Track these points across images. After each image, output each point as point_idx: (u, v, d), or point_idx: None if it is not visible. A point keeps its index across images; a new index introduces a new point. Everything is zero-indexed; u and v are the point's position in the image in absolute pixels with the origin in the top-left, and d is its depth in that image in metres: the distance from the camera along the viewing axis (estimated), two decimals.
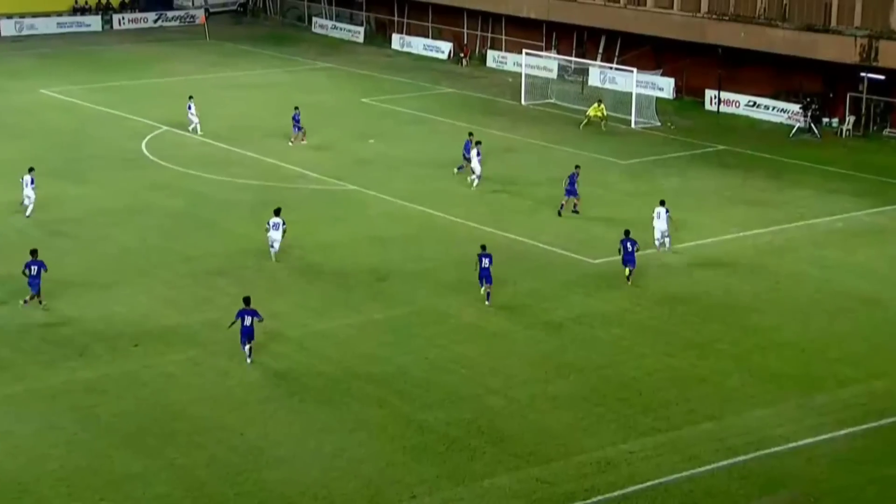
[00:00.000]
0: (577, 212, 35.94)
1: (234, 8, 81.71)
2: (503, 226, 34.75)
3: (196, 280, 29.83)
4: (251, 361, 24.63)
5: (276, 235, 31.44)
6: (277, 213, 31.94)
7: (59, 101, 52.74)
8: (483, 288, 28.05)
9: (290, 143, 44.14)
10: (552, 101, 54.00)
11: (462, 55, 65.08)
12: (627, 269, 29.89)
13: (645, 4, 55.40)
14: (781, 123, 49.90)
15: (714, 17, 52.30)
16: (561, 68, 58.11)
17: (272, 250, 31.48)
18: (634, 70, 50.49)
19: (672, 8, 54.22)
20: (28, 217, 34.45)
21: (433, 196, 37.99)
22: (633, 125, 49.40)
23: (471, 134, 41.28)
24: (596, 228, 34.66)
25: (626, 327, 27.14)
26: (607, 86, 55.04)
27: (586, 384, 24.10)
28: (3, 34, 70.68)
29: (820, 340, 26.44)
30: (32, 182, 34.47)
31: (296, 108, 45.29)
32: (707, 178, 41.02)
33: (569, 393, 23.71)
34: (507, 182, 39.97)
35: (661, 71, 54.35)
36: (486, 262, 28.20)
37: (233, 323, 24.76)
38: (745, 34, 50.86)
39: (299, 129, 44.32)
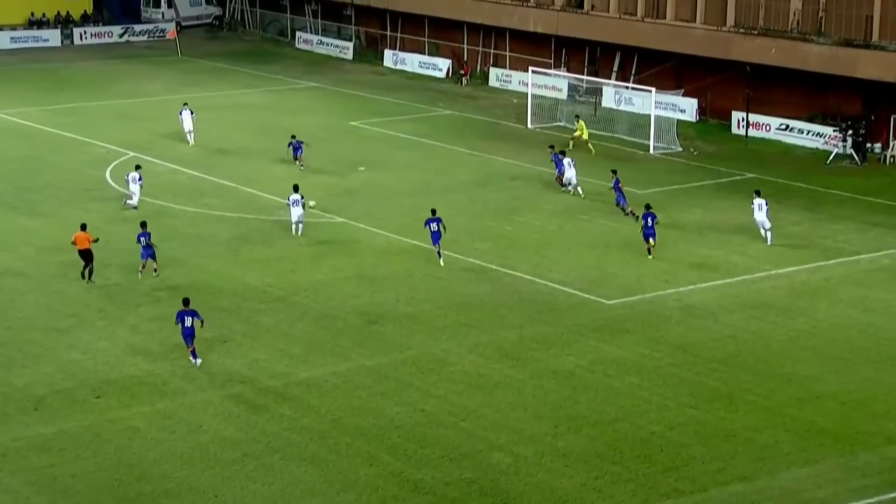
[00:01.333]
0: (635, 215, 37.96)
1: (209, 21, 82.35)
2: (507, 262, 34.89)
3: (165, 323, 29.85)
4: (199, 363, 26.94)
5: (298, 212, 35.84)
6: (296, 189, 36.91)
7: (12, 124, 53.05)
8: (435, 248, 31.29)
9: (302, 168, 44.53)
10: (562, 123, 54.34)
11: (462, 73, 65.55)
12: (651, 241, 34.27)
13: (664, 17, 55.91)
14: (817, 149, 50.19)
15: (741, 30, 52.75)
16: (571, 88, 58.52)
17: (295, 229, 36.04)
18: (653, 90, 50.87)
19: (694, 21, 54.71)
20: (135, 208, 39.26)
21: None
22: (651, 151, 49.69)
23: (552, 147, 44.21)
24: (611, 266, 34.81)
25: (644, 376, 27.18)
26: (623, 107, 55.44)
27: (600, 439, 24.10)
28: None
29: (864, 392, 26.47)
30: (140, 179, 39.76)
31: (293, 136, 45.56)
32: (734, 211, 41.18)
33: (581, 449, 23.71)
34: (511, 213, 40.17)
35: (683, 91, 54.76)
36: (434, 226, 31.55)
37: (176, 326, 27.13)
38: (777, 50, 51.30)
39: (299, 152, 45.21)
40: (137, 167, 40.63)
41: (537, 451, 23.56)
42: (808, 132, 51.19)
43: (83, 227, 33.73)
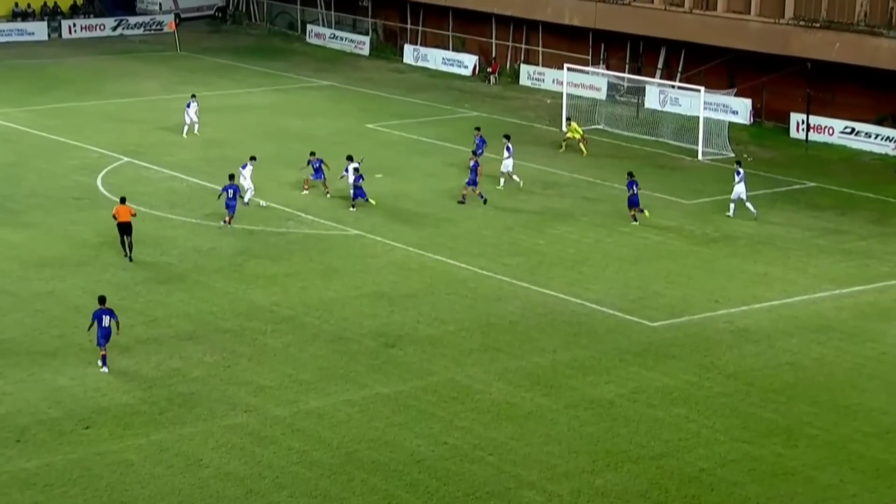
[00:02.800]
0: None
1: (211, 13, 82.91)
2: (540, 279, 34.92)
3: (161, 346, 30.04)
4: (107, 370, 28.15)
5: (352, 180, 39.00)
6: (351, 158, 41.19)
7: None
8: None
9: (328, 194, 43.01)
10: (600, 126, 54.41)
11: (489, 70, 65.74)
12: (634, 211, 37.79)
13: (715, 9, 55.94)
14: (886, 155, 50.08)
15: (801, 24, 52.71)
16: (611, 87, 58.63)
17: (355, 199, 40.00)
18: (702, 89, 50.87)
19: (749, 13, 54.74)
20: (246, 204, 40.82)
21: (453, 242, 38.24)
22: (699, 157, 49.66)
23: (478, 128, 45.72)
24: (654, 284, 34.80)
25: (692, 406, 27.13)
26: (668, 108, 55.48)
27: (643, 477, 24.06)
28: None
29: None
30: (246, 170, 41.35)
31: (312, 153, 43.64)
32: (793, 223, 41.11)
33: (621, 488, 23.67)
34: (544, 226, 40.22)
35: (736, 90, 54.75)
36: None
37: (90, 325, 28.22)
38: (841, 45, 51.23)
39: (320, 176, 43.22)
40: (252, 158, 42.28)
41: (573, 489, 23.54)
42: (876, 136, 51.06)
43: (123, 201, 36.95)
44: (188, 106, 51.14)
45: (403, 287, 34.40)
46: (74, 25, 76.99)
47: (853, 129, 51.59)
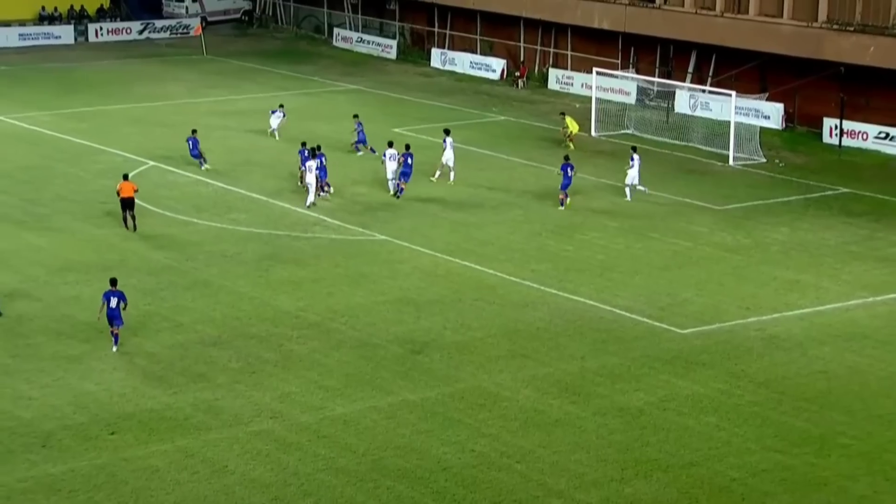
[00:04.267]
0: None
1: (238, 17, 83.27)
2: (568, 285, 34.88)
3: (187, 352, 30.16)
4: (116, 349, 29.50)
5: (392, 167, 40.98)
6: (391, 144, 43.55)
7: (19, 129, 53.86)
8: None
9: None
10: (629, 131, 54.32)
11: (518, 74, 65.76)
12: (564, 193, 41.11)
13: (747, 12, 55.75)
14: None
15: (835, 27, 52.49)
16: (641, 91, 58.53)
17: (391, 183, 41.50)
18: (733, 94, 50.71)
19: (781, 16, 54.54)
20: (323, 198, 42.54)
21: (480, 248, 38.25)
22: (730, 162, 49.50)
23: (356, 116, 48.94)
24: (684, 291, 34.70)
25: (722, 415, 27.03)
26: (699, 113, 55.34)
27: (673, 486, 23.98)
28: None
29: None
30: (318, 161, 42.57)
31: (313, 146, 44.49)
32: (826, 230, 40.91)
33: (651, 497, 23.60)
34: (572, 231, 40.18)
35: (768, 95, 54.55)
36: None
37: (101, 307, 29.50)
38: (875, 49, 50.96)
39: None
40: (317, 149, 43.42)
41: (602, 497, 23.49)
42: None
43: (126, 177, 40.13)
44: (272, 113, 51.79)
45: (430, 293, 34.42)
46: (101, 29, 77.44)
47: (887, 135, 51.29)
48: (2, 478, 23.84)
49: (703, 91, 55.90)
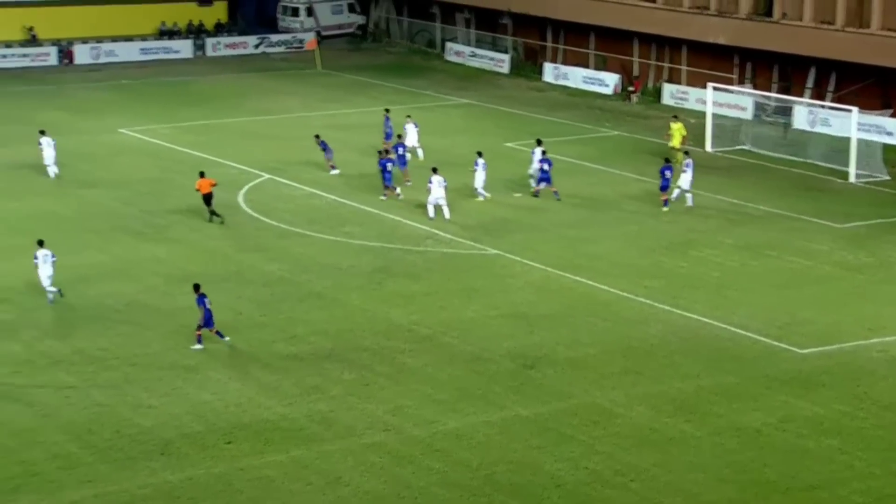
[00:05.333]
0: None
1: (352, 31, 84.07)
2: (682, 303, 34.53)
3: (301, 363, 30.49)
4: (201, 347, 31.07)
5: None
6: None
7: (140, 142, 55.00)
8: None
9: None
10: (746, 147, 53.64)
11: (631, 89, 65.35)
12: (543, 185, 42.78)
13: (869, 26, 54.73)
14: None
15: None
16: (758, 107, 57.74)
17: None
18: (854, 110, 49.79)
19: None
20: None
21: (592, 264, 38.07)
22: (851, 179, 48.59)
23: (387, 110, 50.19)
24: (803, 310, 34.12)
25: (845, 437, 26.50)
26: (818, 129, 54.41)
27: None
28: (77, 62, 74.27)
29: None
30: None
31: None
32: None
33: None
34: (687, 248, 39.77)
35: (892, 111, 53.42)
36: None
37: (201, 312, 30.99)
38: None
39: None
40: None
41: None
42: None
43: (202, 175, 42.39)
44: (405, 128, 51.44)
45: (542, 308, 34.34)
46: (218, 43, 78.81)
47: None
48: (123, 484, 24.33)
49: (823, 107, 54.97)
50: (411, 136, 51.02)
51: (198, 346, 31.10)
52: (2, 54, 72.67)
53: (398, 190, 45.25)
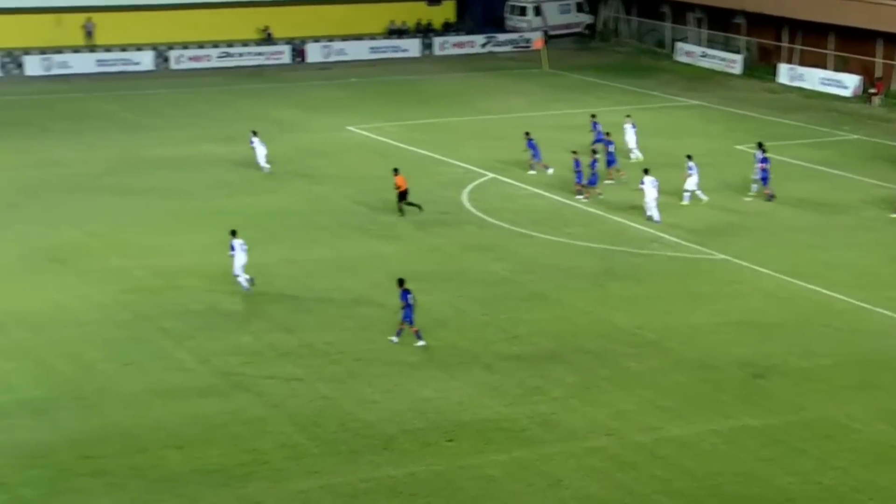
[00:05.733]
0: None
1: (579, 31, 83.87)
2: None
3: (523, 364, 30.55)
4: (396, 340, 31.47)
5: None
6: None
7: (368, 140, 56.10)
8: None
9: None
10: None
11: (873, 91, 63.14)
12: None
13: None
14: None
15: None
16: None
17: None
18: None
19: None
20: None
21: (827, 272, 36.93)
22: None
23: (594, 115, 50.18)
24: None
25: None
26: None
27: None
28: (308, 60, 76.41)
29: None
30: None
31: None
32: None
33: None
34: None
35: None
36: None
37: (403, 306, 31.28)
38: None
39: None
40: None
41: None
42: None
43: (396, 171, 43.55)
44: (624, 127, 51.48)
45: (773, 316, 33.51)
46: (445, 43, 79.79)
47: None
48: (347, 476, 24.86)
49: None
50: (629, 137, 50.72)
51: (393, 339, 31.64)
52: (238, 53, 75.34)
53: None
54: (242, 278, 35.34)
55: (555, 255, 39.19)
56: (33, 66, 70.90)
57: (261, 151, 49.30)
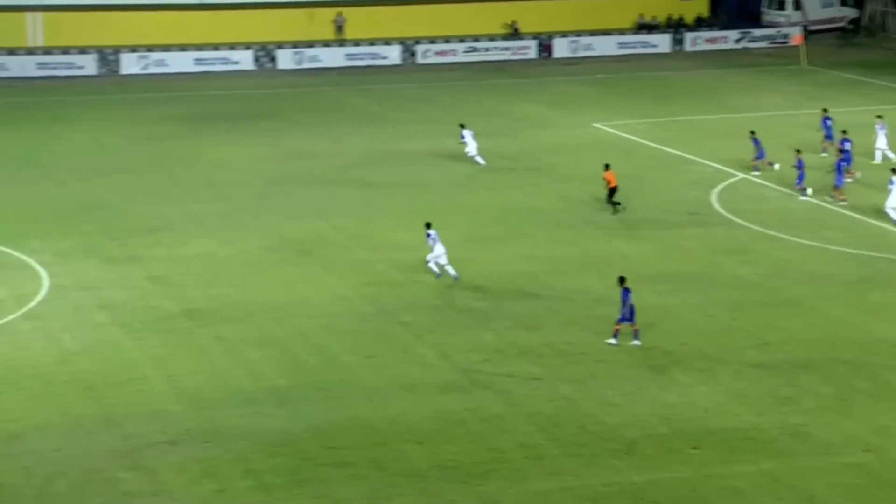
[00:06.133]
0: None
1: (842, 25, 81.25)
2: None
3: (773, 372, 29.78)
4: (615, 342, 31.25)
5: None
6: None
7: (615, 137, 55.75)
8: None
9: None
10: None
11: None
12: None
13: None
14: None
15: None
16: None
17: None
18: None
19: None
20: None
21: None
22: None
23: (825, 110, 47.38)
24: None
25: None
26: None
27: None
28: (555, 55, 76.47)
29: None
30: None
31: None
32: None
33: None
34: None
35: None
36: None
37: (624, 303, 31.12)
38: None
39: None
40: None
41: None
42: None
43: (607, 167, 43.48)
44: (877, 129, 49.84)
45: None
46: (697, 38, 78.53)
47: None
48: (588, 479, 24.74)
49: None
50: (880, 140, 49.19)
51: (612, 341, 31.33)
52: (485, 47, 76.08)
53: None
54: (433, 265, 36.29)
55: (809, 259, 38.10)
56: (285, 59, 73.30)
57: (472, 146, 49.68)
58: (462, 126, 50.42)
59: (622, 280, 31.75)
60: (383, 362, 30.62)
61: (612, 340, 31.42)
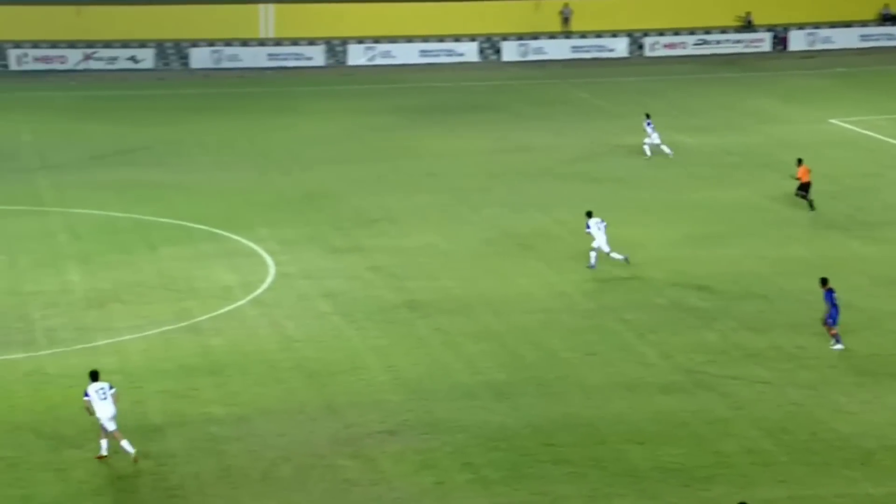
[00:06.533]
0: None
1: None
2: None
3: None
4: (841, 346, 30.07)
5: None
6: None
7: (853, 134, 54.11)
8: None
9: None
10: None
11: None
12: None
13: None
14: None
15: None
16: None
17: None
18: None
19: None
20: None
21: None
22: None
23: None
24: None
25: None
26: None
27: None
28: (790, 48, 74.64)
29: None
30: None
31: None
32: None
33: None
34: None
35: None
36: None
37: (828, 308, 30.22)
38: None
39: None
40: None
41: None
42: None
43: (800, 162, 42.45)
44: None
45: None
46: None
47: None
48: (818, 490, 24.06)
49: None
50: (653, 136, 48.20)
51: (838, 346, 30.42)
52: (716, 40, 74.85)
53: None
54: (614, 255, 36.29)
55: None
56: (510, 51, 73.64)
57: (654, 137, 48.92)
58: (647, 116, 49.90)
59: (824, 281, 30.80)
60: (603, 360, 30.43)
61: (839, 345, 30.46)
